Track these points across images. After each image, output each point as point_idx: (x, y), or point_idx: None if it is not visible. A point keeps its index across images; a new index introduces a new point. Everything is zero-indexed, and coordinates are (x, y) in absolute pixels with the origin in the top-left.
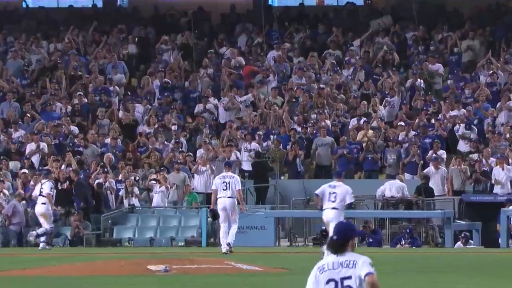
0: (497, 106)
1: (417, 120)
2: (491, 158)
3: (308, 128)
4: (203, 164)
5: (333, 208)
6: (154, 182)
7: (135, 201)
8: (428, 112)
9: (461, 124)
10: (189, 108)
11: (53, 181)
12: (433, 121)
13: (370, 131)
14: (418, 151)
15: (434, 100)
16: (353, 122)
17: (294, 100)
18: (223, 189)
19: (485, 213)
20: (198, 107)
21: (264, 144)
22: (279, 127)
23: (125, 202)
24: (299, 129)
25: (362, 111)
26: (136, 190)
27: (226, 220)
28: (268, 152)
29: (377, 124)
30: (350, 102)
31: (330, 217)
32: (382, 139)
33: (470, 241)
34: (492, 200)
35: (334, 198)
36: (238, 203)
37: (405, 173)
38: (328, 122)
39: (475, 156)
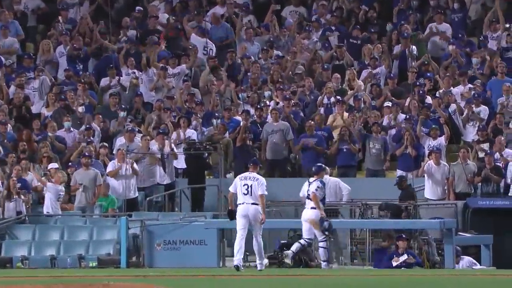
0: None
1: (408, 99)
2: (506, 150)
3: (263, 110)
4: (121, 160)
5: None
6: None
7: (23, 207)
8: (423, 89)
9: (467, 104)
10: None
11: None
12: (429, 100)
13: (345, 114)
14: (413, 141)
15: (429, 74)
16: (324, 102)
17: (243, 73)
18: (244, 194)
19: (498, 223)
20: (104, 82)
21: (205, 131)
22: (223, 109)
23: (8, 206)
24: (252, 111)
25: (334, 88)
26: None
27: (245, 229)
28: (209, 141)
29: (355, 105)
30: (318, 76)
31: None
32: (361, 124)
33: (469, 258)
34: (507, 206)
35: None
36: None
37: (397, 170)
38: (282, 103)
39: (484, 146)
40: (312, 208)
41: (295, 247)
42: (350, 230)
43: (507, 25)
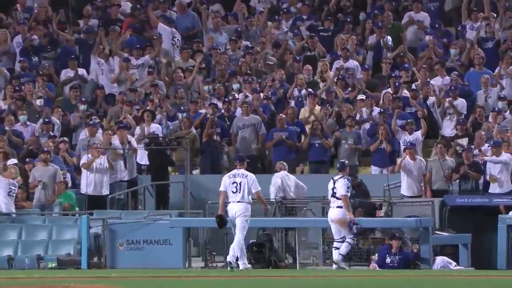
0: (495, 71)
1: (383, 92)
2: (486, 145)
3: (232, 104)
4: (95, 154)
5: (238, 201)
6: None
7: None
8: (399, 81)
9: (444, 97)
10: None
11: None
12: (406, 93)
13: (317, 108)
14: (388, 136)
15: (407, 65)
16: (294, 94)
17: (210, 64)
18: (233, 192)
19: (476, 221)
20: (66, 73)
21: (170, 125)
22: (189, 102)
23: None
24: (219, 104)
25: (305, 80)
26: None
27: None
28: (173, 136)
29: (327, 98)
30: (289, 67)
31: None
32: (334, 118)
33: (443, 258)
34: (487, 204)
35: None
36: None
37: (371, 166)
38: (251, 96)
39: (463, 141)
40: (338, 207)
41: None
42: (322, 229)
43: (486, 15)
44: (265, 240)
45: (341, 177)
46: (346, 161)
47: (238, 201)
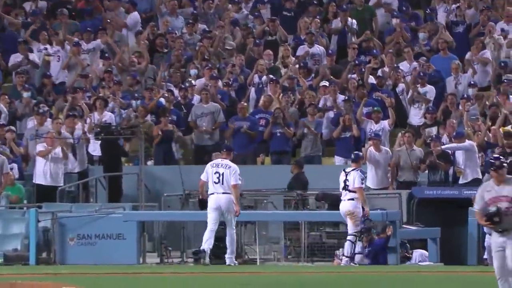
0: (466, 57)
1: (348, 78)
2: (454, 135)
3: (189, 91)
4: (50, 143)
5: (224, 193)
6: None
7: None
8: (365, 67)
9: (412, 84)
10: (8, 58)
11: None
12: (372, 79)
13: (277, 93)
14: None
15: (375, 50)
16: (254, 81)
17: (165, 49)
18: (215, 182)
19: (446, 214)
20: (15, 58)
21: (123, 113)
22: (144, 89)
23: None
24: (176, 91)
25: (266, 65)
26: None
27: (216, 223)
28: (127, 124)
29: (289, 85)
30: (249, 52)
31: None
32: (296, 105)
33: (422, 252)
34: (456, 196)
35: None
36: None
37: (335, 156)
38: (209, 82)
39: (432, 130)
40: (349, 199)
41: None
42: (284, 223)
43: None
44: (222, 234)
45: (354, 169)
46: (361, 153)
47: (223, 193)
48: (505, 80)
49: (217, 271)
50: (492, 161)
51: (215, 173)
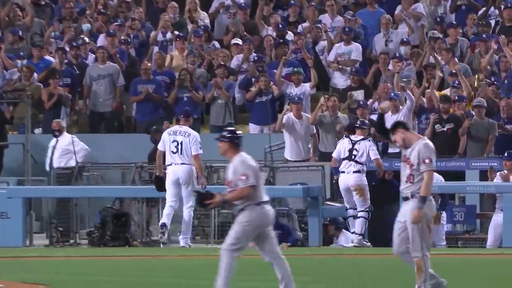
0: (396, 11)
1: (264, 33)
2: (387, 101)
3: (81, 49)
4: None
5: (183, 163)
6: None
7: None
8: (283, 22)
9: (336, 41)
10: None
11: None
12: (291, 36)
13: (184, 51)
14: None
15: (293, 1)
16: (157, 39)
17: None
18: (172, 152)
19: (374, 190)
20: None
21: (6, 74)
22: (30, 47)
23: None
24: (67, 48)
25: (171, 20)
26: None
27: (176, 199)
28: (11, 88)
29: (196, 42)
30: (151, 5)
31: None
32: (205, 66)
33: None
34: (386, 168)
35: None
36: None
37: (249, 124)
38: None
39: (358, 95)
40: (355, 172)
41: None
42: None
43: None
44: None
45: (364, 139)
46: (367, 121)
47: (182, 163)
48: (428, 38)
49: (115, 254)
50: None
51: (172, 142)
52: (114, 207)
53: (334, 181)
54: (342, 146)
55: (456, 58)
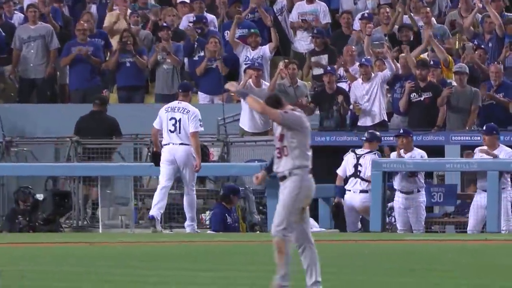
0: None
1: None
2: (357, 64)
3: (4, 8)
4: None
5: (182, 143)
6: None
7: None
8: None
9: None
10: None
11: None
12: None
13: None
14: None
15: None
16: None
17: None
18: (170, 131)
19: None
20: None
21: None
22: None
23: None
24: None
25: None
26: None
27: (170, 180)
28: None
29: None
30: None
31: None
32: (150, 28)
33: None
34: (356, 143)
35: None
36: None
37: (198, 93)
38: None
39: (322, 59)
40: (362, 191)
41: None
42: (134, 178)
43: None
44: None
45: (369, 152)
46: (377, 132)
47: (180, 143)
48: None
49: (52, 240)
50: None
51: (170, 119)
52: (47, 188)
53: (333, 204)
54: (347, 162)
55: (434, 19)
